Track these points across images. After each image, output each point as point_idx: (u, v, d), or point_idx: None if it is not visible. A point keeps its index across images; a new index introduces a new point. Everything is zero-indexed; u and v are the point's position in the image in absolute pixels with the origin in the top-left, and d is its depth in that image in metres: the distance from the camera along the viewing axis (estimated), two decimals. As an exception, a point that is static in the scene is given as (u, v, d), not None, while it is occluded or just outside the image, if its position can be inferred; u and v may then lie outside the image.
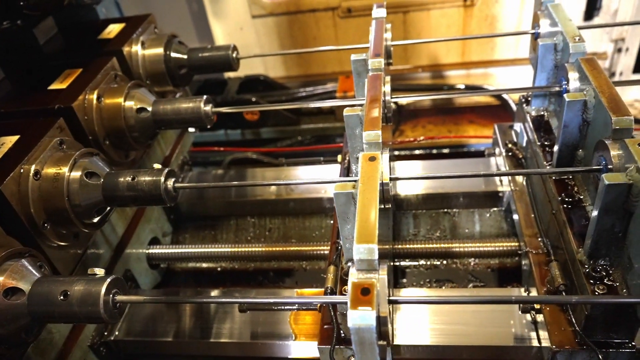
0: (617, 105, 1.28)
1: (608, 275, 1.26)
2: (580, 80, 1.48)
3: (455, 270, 1.95)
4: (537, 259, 1.55)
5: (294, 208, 2.18)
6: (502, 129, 2.05)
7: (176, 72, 2.07)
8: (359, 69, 1.76)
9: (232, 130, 3.24)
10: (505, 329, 1.54)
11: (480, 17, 3.08)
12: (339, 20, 3.19)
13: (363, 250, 1.02)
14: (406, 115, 3.43)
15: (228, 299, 1.31)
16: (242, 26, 3.29)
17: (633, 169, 1.13)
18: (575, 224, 1.39)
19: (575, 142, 1.47)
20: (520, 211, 1.74)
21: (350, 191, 1.21)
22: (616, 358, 1.30)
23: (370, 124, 1.35)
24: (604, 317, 1.25)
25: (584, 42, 1.55)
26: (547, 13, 1.77)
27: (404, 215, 2.07)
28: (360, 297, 0.94)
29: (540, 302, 1.37)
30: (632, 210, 1.14)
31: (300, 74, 3.49)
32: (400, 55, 3.31)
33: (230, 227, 2.23)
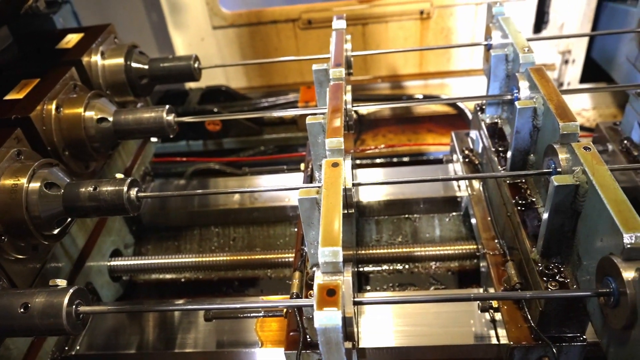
0: (564, 112, 1.35)
1: (560, 272, 1.32)
2: (530, 88, 1.56)
3: (417, 275, 2.00)
4: (494, 260, 1.62)
5: (258, 217, 2.19)
6: (459, 137, 2.13)
7: (137, 82, 2.06)
8: (321, 79, 1.80)
9: (194, 141, 3.22)
10: (466, 328, 1.59)
11: (436, 29, 3.19)
12: (300, 31, 3.23)
13: (328, 253, 1.05)
14: (367, 125, 3.50)
15: (191, 306, 1.31)
16: (203, 37, 3.29)
17: (579, 171, 1.20)
18: (528, 225, 1.46)
19: (527, 148, 1.55)
20: (478, 215, 1.81)
21: (314, 197, 1.23)
22: (569, 351, 1.37)
23: (333, 132, 1.39)
24: (557, 313, 1.31)
25: (532, 52, 1.63)
26: (499, 26, 1.86)
27: (366, 222, 2.11)
28: (326, 298, 0.97)
29: (497, 299, 1.43)
30: (579, 209, 1.21)
31: (262, 85, 3.51)
32: (360, 66, 3.37)
33: (193, 237, 2.22)
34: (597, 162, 1.18)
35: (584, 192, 1.18)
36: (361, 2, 3.15)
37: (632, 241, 1.00)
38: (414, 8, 3.10)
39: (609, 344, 1.11)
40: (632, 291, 0.98)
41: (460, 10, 3.10)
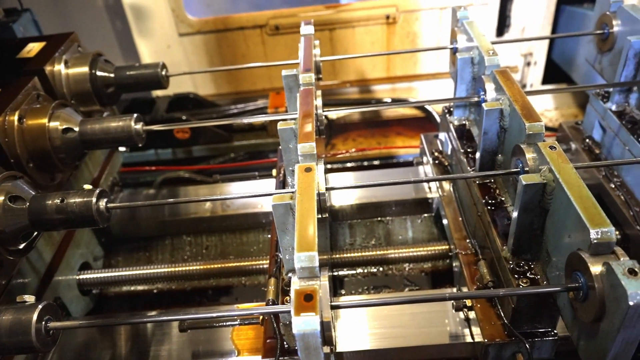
0: (529, 113, 1.39)
1: (530, 269, 1.35)
2: (496, 90, 1.59)
3: (392, 277, 2.01)
4: (466, 259, 1.64)
5: (231, 224, 2.17)
6: (428, 139, 2.16)
7: (103, 90, 2.02)
8: (290, 84, 1.80)
9: (163, 150, 3.17)
10: (441, 328, 1.61)
11: (403, 34, 3.23)
12: (267, 37, 3.23)
13: (304, 258, 1.05)
14: (337, 130, 3.52)
15: (166, 317, 1.28)
16: (170, 44, 3.25)
17: (546, 169, 1.23)
18: (499, 224, 1.49)
19: (495, 148, 1.58)
20: (449, 215, 1.83)
21: (288, 202, 1.23)
22: (542, 346, 1.40)
23: (305, 137, 1.39)
24: (529, 309, 1.34)
25: (497, 55, 1.67)
26: (463, 29, 1.90)
27: (339, 226, 2.12)
28: (304, 304, 0.97)
29: (471, 297, 1.45)
30: (547, 207, 1.24)
31: (230, 92, 3.49)
32: (329, 71, 3.39)
33: (165, 247, 2.19)
34: (563, 161, 1.22)
35: (551, 190, 1.21)
36: (328, 8, 3.17)
37: (599, 236, 1.03)
38: (379, 13, 3.13)
39: (579, 337, 1.14)
40: (600, 285, 1.01)
41: (425, 14, 3.16)
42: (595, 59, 2.09)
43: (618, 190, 1.83)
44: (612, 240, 1.02)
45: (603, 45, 2.00)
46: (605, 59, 2.02)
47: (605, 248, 1.03)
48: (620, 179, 1.86)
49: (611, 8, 1.93)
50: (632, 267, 0.96)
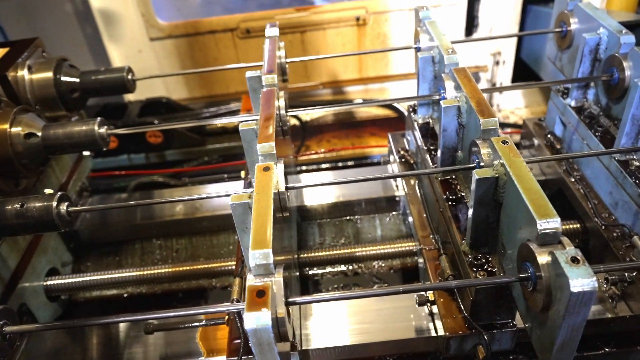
0: (484, 109, 1.42)
1: (488, 262, 1.38)
2: (456, 88, 1.62)
3: (361, 275, 2.03)
4: (430, 255, 1.67)
5: (201, 227, 2.18)
6: (395, 138, 2.19)
7: (68, 96, 2.01)
8: (255, 86, 1.82)
9: (136, 155, 3.17)
10: (407, 323, 1.63)
11: (373, 35, 3.26)
12: (239, 40, 3.24)
13: (258, 255, 1.06)
14: (311, 131, 3.54)
15: (128, 317, 1.29)
16: (141, 49, 3.24)
17: (498, 163, 1.26)
18: (460, 219, 1.52)
19: (455, 145, 1.61)
20: (414, 212, 1.86)
21: (247, 201, 1.25)
22: (501, 338, 1.43)
23: (264, 137, 1.40)
24: (487, 301, 1.37)
25: (456, 54, 1.70)
26: (425, 29, 1.93)
27: (309, 225, 2.13)
28: (256, 300, 0.98)
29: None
30: (500, 200, 1.27)
31: (203, 95, 3.49)
32: (301, 73, 3.41)
33: (135, 251, 2.18)
34: (514, 155, 1.25)
35: (503, 183, 1.24)
36: (298, 10, 3.19)
37: (545, 227, 1.05)
38: (350, 15, 3.16)
39: (531, 326, 1.17)
40: (546, 274, 1.04)
41: (394, 15, 3.19)
42: (555, 56, 2.14)
43: (578, 184, 1.87)
44: (557, 231, 1.05)
45: (562, 42, 2.05)
46: (564, 56, 2.07)
47: (552, 238, 1.06)
48: (580, 173, 1.91)
49: (568, 6, 1.98)
50: (575, 255, 0.99)
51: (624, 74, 1.68)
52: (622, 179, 1.65)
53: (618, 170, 1.67)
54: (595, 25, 1.82)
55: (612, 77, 1.73)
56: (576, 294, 0.95)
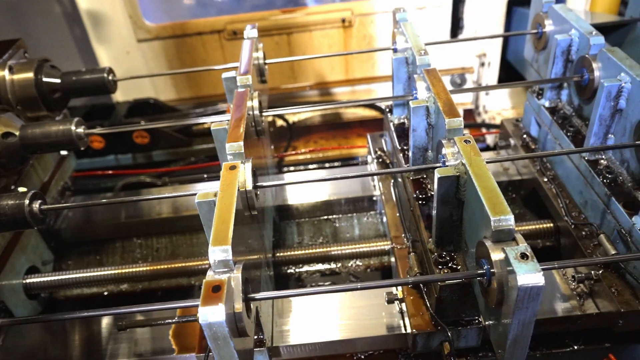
0: (450, 109, 1.44)
1: (452, 260, 1.40)
2: (427, 89, 1.64)
3: (339, 274, 2.05)
4: (400, 253, 1.69)
5: (181, 226, 2.20)
6: (373, 138, 2.21)
7: (49, 96, 2.03)
8: (231, 87, 1.84)
9: (123, 155, 3.19)
10: (378, 320, 1.65)
11: (359, 36, 3.29)
12: (226, 42, 3.26)
13: (218, 251, 1.08)
14: (298, 132, 3.56)
15: (98, 312, 1.30)
16: (129, 50, 3.27)
17: (459, 162, 1.28)
18: (428, 218, 1.54)
19: (425, 145, 1.63)
20: (388, 212, 1.88)
21: (213, 199, 1.27)
22: (467, 334, 1.45)
23: (233, 137, 1.42)
24: (452, 298, 1.39)
25: (428, 55, 1.72)
26: (401, 31, 1.95)
27: (288, 225, 2.15)
28: (211, 294, 1.00)
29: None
30: (462, 199, 1.29)
31: (191, 96, 3.51)
32: (288, 75, 3.43)
33: (116, 250, 2.20)
34: (475, 154, 1.27)
35: (464, 182, 1.26)
36: (285, 12, 3.22)
37: (499, 224, 1.08)
38: (335, 17, 3.19)
39: (489, 322, 1.19)
40: (499, 270, 1.06)
41: (379, 17, 3.22)
42: (533, 57, 2.16)
43: (550, 183, 1.90)
44: (511, 228, 1.07)
45: (538, 44, 2.08)
46: (540, 57, 2.09)
47: (506, 235, 1.08)
48: (552, 173, 1.93)
49: (543, 8, 2.00)
50: (525, 251, 1.01)
51: (593, 75, 1.70)
52: (591, 178, 1.67)
53: (587, 169, 1.69)
54: (568, 27, 1.85)
55: (582, 78, 1.75)
56: (523, 289, 0.97)
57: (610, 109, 1.59)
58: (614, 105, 1.58)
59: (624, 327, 1.50)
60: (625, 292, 1.50)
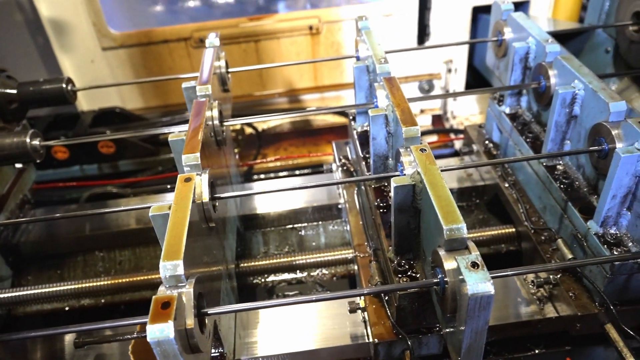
0: (408, 118, 1.44)
1: (412, 268, 1.40)
2: (387, 97, 1.65)
3: (305, 282, 2.04)
4: (363, 262, 1.69)
5: (144, 238, 2.16)
6: (338, 146, 2.21)
7: (5, 107, 1.98)
8: (192, 96, 1.81)
9: (88, 165, 3.13)
10: (343, 330, 1.64)
11: (327, 43, 3.30)
12: (193, 50, 3.24)
13: (169, 267, 1.06)
14: (268, 140, 3.55)
15: (55, 331, 1.27)
16: (93, 59, 3.22)
17: (415, 171, 1.28)
18: (388, 226, 1.54)
19: (385, 153, 1.64)
20: (352, 220, 1.88)
21: (167, 212, 1.25)
22: (429, 342, 1.45)
23: (190, 148, 1.41)
24: (412, 307, 1.39)
25: (387, 63, 1.73)
26: (363, 39, 1.96)
27: (253, 235, 2.13)
28: (160, 311, 0.98)
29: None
30: (419, 207, 1.30)
31: (158, 105, 3.47)
32: (257, 82, 3.42)
33: (77, 264, 2.15)
34: (430, 162, 1.27)
35: (419, 190, 1.26)
36: (251, 20, 3.21)
37: (451, 233, 1.08)
38: (303, 24, 3.19)
39: (446, 330, 1.19)
40: (452, 279, 1.06)
41: (347, 24, 3.23)
42: (494, 64, 2.19)
43: (511, 189, 1.92)
44: (462, 237, 1.08)
45: (499, 51, 2.11)
46: (501, 64, 2.12)
47: (459, 244, 1.08)
48: (513, 178, 1.96)
49: (503, 16, 2.03)
50: (475, 260, 1.02)
51: (549, 82, 1.73)
52: (549, 183, 1.70)
53: (545, 175, 1.72)
54: (526, 35, 1.88)
55: (540, 84, 1.78)
56: (473, 298, 0.97)
57: (566, 115, 1.62)
58: (569, 111, 1.61)
59: (582, 330, 1.53)
60: (582, 296, 1.52)
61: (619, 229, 1.45)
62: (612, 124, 1.42)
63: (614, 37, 2.50)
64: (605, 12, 2.55)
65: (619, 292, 1.46)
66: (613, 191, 1.37)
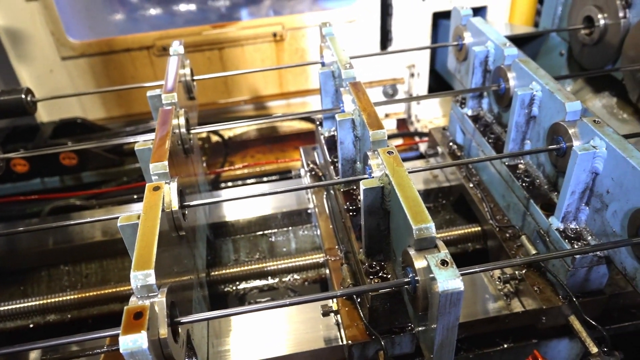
0: (374, 121, 1.47)
1: (383, 269, 1.42)
2: (353, 102, 1.67)
3: (276, 288, 2.04)
4: (334, 265, 1.70)
5: (111, 250, 2.12)
6: (306, 151, 2.22)
7: (-39, 120, 1.92)
8: (157, 105, 1.80)
9: (50, 178, 3.05)
10: (317, 333, 1.65)
11: (291, 50, 3.31)
12: (155, 58, 3.20)
13: (140, 276, 1.05)
14: (235, 147, 3.53)
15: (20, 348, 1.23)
16: (52, 68, 3.14)
17: (383, 173, 1.31)
18: (358, 229, 1.56)
19: (353, 156, 1.66)
20: (322, 224, 1.89)
21: (136, 222, 1.23)
22: (401, 342, 1.48)
23: (157, 156, 1.39)
24: (384, 308, 1.41)
25: (353, 68, 1.75)
26: (327, 45, 1.98)
27: (223, 242, 2.12)
28: (133, 322, 0.97)
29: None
30: (388, 209, 1.32)
31: (122, 114, 3.41)
32: (222, 90, 3.41)
33: (41, 279, 2.09)
34: (397, 164, 1.30)
35: (388, 192, 1.29)
36: (215, 27, 3.20)
37: (420, 233, 1.10)
38: (266, 31, 3.20)
39: (418, 329, 1.21)
40: (422, 278, 1.09)
41: (310, 31, 3.26)
42: (455, 68, 2.25)
43: (476, 189, 1.97)
44: (432, 236, 1.10)
45: (459, 55, 2.16)
46: (462, 67, 2.18)
47: (428, 243, 1.11)
48: (477, 178, 2.01)
49: (462, 21, 2.09)
50: (444, 258, 1.04)
51: (508, 84, 1.79)
52: (511, 182, 1.75)
53: (508, 174, 1.77)
54: (484, 39, 1.94)
55: (499, 87, 1.84)
56: (444, 294, 1.00)
57: (525, 116, 1.67)
58: (528, 112, 1.66)
59: (547, 323, 1.58)
60: (546, 290, 1.58)
61: (578, 224, 1.51)
62: (568, 123, 1.48)
63: (567, 40, 2.61)
64: (559, 17, 2.66)
65: (580, 285, 1.52)
66: (572, 187, 1.42)
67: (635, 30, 2.02)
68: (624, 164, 1.28)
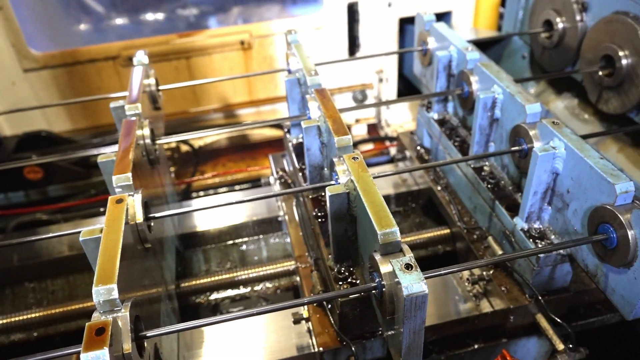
0: (339, 128, 1.47)
1: (352, 274, 1.43)
2: (319, 108, 1.68)
3: (249, 298, 2.03)
4: (304, 272, 1.70)
5: (79, 264, 2.07)
6: (275, 159, 2.22)
7: None
8: (121, 116, 1.77)
9: (14, 193, 2.97)
10: (289, 341, 1.64)
11: (259, 58, 3.31)
12: (121, 69, 3.16)
13: (103, 291, 1.04)
14: (205, 156, 3.50)
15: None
16: (14, 81, 3.07)
17: (349, 179, 1.31)
18: (327, 235, 1.56)
19: (320, 163, 1.66)
20: (292, 232, 1.89)
21: (99, 236, 1.21)
22: (372, 346, 1.48)
23: (120, 168, 1.38)
24: (353, 313, 1.41)
25: (318, 75, 1.76)
26: (293, 52, 1.99)
27: (193, 253, 2.10)
28: (94, 338, 0.95)
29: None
30: (354, 214, 1.33)
31: (88, 126, 3.35)
32: (191, 99, 3.38)
33: (5, 298, 2.03)
34: (362, 170, 1.31)
35: (354, 198, 1.29)
36: (182, 36, 3.17)
37: (385, 237, 1.11)
38: (234, 39, 3.19)
39: (387, 333, 1.22)
40: (388, 282, 1.09)
41: (278, 39, 3.26)
42: (421, 72, 2.28)
43: (444, 191, 1.99)
44: (396, 240, 1.11)
45: (424, 60, 2.19)
46: (427, 72, 2.20)
47: (393, 247, 1.12)
48: (445, 181, 2.03)
49: (426, 27, 2.12)
50: (409, 262, 1.05)
51: (471, 88, 1.82)
52: (477, 184, 1.78)
53: (473, 176, 1.80)
54: (447, 44, 1.97)
55: (463, 91, 1.87)
56: (409, 298, 1.00)
57: (488, 118, 1.70)
58: (491, 115, 1.69)
59: (516, 322, 1.60)
60: (513, 289, 1.60)
61: (542, 223, 1.54)
62: (529, 125, 1.52)
63: (529, 43, 2.67)
64: (520, 21, 2.72)
65: (546, 283, 1.55)
66: (534, 188, 1.45)
67: (592, 33, 2.08)
68: (581, 163, 1.31)
